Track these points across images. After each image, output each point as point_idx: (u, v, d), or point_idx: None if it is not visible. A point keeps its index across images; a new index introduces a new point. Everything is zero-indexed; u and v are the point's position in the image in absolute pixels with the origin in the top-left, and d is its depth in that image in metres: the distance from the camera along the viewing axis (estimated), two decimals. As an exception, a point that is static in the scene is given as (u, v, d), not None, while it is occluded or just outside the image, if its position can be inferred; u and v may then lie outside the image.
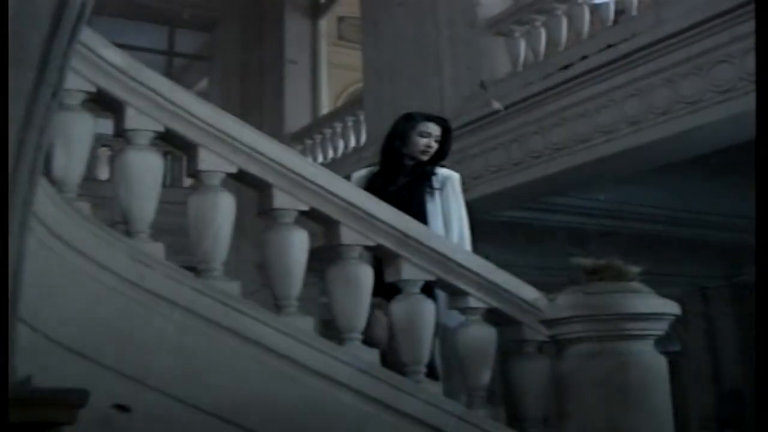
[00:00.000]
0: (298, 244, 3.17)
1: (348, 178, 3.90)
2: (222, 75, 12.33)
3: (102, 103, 3.03)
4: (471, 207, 7.68)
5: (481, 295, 3.49)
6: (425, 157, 4.15)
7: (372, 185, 3.96)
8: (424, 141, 4.13)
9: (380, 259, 3.46)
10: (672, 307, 3.30)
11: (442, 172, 4.16)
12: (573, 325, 3.26)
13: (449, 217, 4.06)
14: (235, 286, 3.06)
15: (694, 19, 5.86)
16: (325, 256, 3.33)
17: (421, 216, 3.78)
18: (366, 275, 3.29)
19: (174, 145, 3.17)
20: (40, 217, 2.67)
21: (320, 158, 10.54)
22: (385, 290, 3.45)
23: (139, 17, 11.90)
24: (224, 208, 3.08)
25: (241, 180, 3.21)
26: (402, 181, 4.11)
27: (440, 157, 4.20)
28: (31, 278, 2.51)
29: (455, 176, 4.19)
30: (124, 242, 2.89)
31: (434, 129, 4.17)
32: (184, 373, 2.83)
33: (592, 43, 6.83)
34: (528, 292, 3.56)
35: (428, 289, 3.49)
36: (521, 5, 7.75)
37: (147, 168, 3.00)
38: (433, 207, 4.04)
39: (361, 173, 4.24)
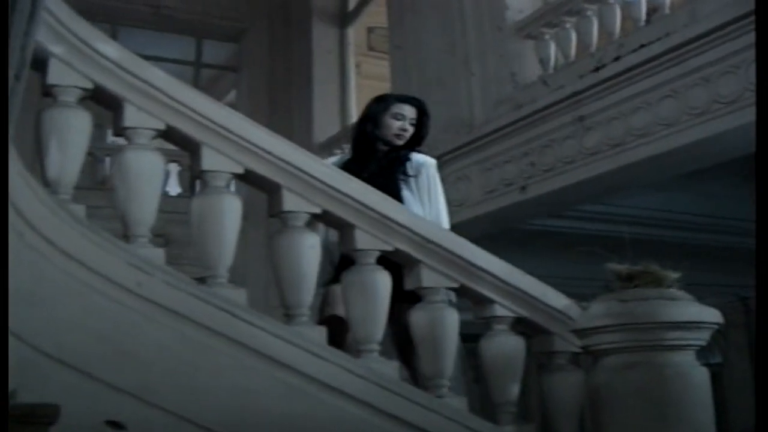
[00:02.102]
0: (309, 248, 2.98)
1: None
2: (250, 85, 12.26)
3: (100, 99, 2.86)
4: (502, 215, 7.61)
5: (507, 303, 3.29)
6: (400, 142, 3.91)
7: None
8: (398, 124, 3.90)
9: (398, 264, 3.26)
10: (713, 316, 3.12)
11: (416, 158, 3.91)
12: (607, 334, 3.07)
13: (425, 205, 3.80)
14: (241, 294, 2.87)
15: (730, 16, 5.63)
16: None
17: None
18: (384, 282, 3.09)
19: (176, 144, 2.99)
20: (29, 221, 2.51)
21: (349, 167, 10.42)
22: (404, 297, 3.25)
23: (166, 28, 11.86)
24: (230, 211, 2.89)
25: (248, 181, 3.03)
26: (374, 167, 3.83)
27: (416, 142, 3.96)
28: (19, 285, 2.36)
29: (431, 162, 3.93)
30: (121, 247, 2.70)
31: (409, 111, 3.93)
32: (185, 388, 2.63)
33: (625, 43, 6.61)
34: (558, 300, 3.36)
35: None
36: (550, 7, 7.56)
37: (146, 168, 2.82)
38: (410, 195, 3.79)
39: (332, 161, 3.99)
